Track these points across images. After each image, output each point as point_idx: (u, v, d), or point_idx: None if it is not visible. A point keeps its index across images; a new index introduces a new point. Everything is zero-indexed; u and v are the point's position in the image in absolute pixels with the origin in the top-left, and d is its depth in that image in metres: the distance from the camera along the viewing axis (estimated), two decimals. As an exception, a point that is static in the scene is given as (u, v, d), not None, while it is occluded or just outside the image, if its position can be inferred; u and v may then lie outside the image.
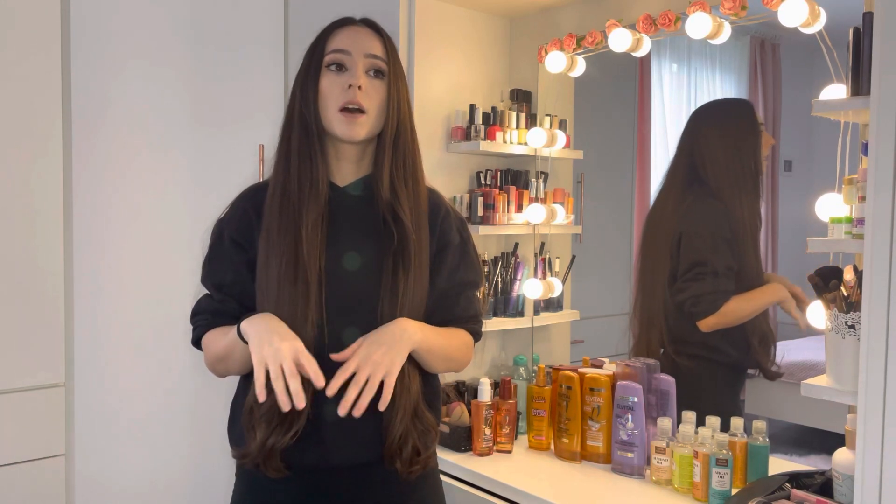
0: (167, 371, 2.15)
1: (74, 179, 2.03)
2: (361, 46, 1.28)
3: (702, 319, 1.84)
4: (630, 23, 1.90)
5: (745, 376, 1.94)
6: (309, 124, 1.29)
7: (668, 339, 1.95)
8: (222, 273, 1.32)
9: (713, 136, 1.93)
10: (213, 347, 1.29)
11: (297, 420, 1.19)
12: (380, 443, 1.25)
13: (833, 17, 1.51)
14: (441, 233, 1.35)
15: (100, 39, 2.06)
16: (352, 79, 1.26)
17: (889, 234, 1.09)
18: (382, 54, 1.30)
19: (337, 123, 1.27)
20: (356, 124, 1.26)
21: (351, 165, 1.34)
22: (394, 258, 1.26)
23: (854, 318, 1.22)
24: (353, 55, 1.28)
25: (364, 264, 1.27)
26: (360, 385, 1.15)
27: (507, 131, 2.15)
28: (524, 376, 2.08)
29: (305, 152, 1.29)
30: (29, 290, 1.97)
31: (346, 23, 1.32)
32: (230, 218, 1.35)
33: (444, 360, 1.32)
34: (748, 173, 1.88)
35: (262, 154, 2.20)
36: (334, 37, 1.30)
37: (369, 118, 1.28)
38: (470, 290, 1.39)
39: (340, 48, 1.28)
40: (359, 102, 1.26)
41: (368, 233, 1.30)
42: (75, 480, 2.05)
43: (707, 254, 1.86)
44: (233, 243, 1.32)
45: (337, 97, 1.26)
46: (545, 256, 2.22)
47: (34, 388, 1.99)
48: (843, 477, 1.28)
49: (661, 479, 1.67)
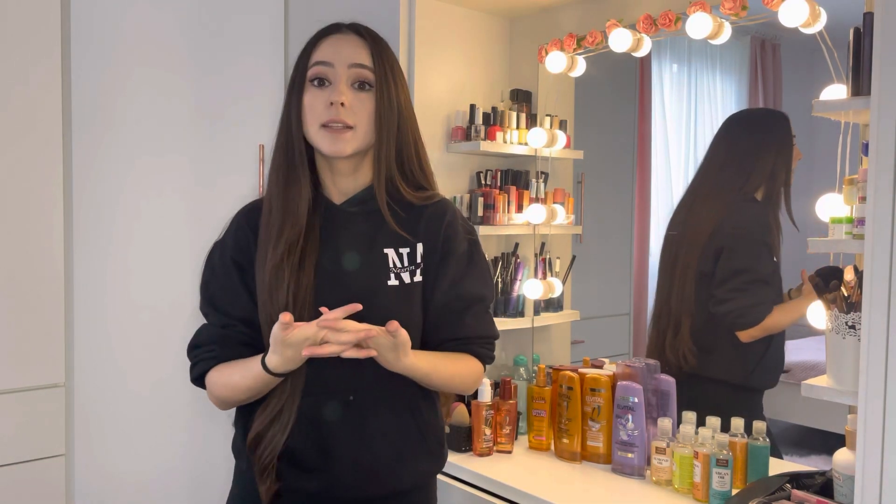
0: (167, 371, 2.15)
1: (75, 180, 2.03)
2: (345, 56, 1.22)
3: (743, 330, 1.82)
4: (630, 23, 1.90)
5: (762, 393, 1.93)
6: (293, 142, 1.25)
7: (690, 349, 1.93)
8: (225, 295, 1.27)
9: (754, 145, 1.92)
10: (225, 389, 1.23)
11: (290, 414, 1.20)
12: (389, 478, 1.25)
13: (833, 17, 1.50)
14: (445, 239, 1.29)
15: (100, 41, 2.06)
16: (333, 94, 1.21)
17: (889, 235, 1.09)
18: (369, 62, 1.23)
19: (321, 140, 1.22)
20: (341, 140, 1.21)
21: (346, 179, 1.29)
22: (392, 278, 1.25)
23: (854, 319, 1.22)
24: (336, 67, 1.22)
25: (359, 286, 1.22)
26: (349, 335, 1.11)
27: (507, 131, 2.15)
28: (524, 376, 2.08)
29: (287, 172, 1.25)
30: (29, 290, 1.97)
31: (332, 31, 1.27)
32: (228, 239, 1.30)
33: (447, 387, 1.29)
34: (780, 184, 1.88)
35: (262, 154, 2.20)
36: (318, 48, 1.25)
37: (357, 133, 1.22)
38: (478, 306, 1.31)
39: (323, 60, 1.23)
40: (342, 120, 1.21)
41: (363, 251, 1.25)
42: (75, 480, 2.05)
43: (752, 262, 1.85)
44: (234, 264, 1.27)
45: (319, 114, 1.21)
46: (545, 257, 2.22)
47: (34, 388, 1.99)
48: (843, 477, 1.27)
49: (661, 480, 1.67)
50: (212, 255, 1.32)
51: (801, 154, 1.92)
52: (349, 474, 1.22)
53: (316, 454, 1.22)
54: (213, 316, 1.28)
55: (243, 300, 1.25)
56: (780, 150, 1.89)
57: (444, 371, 1.26)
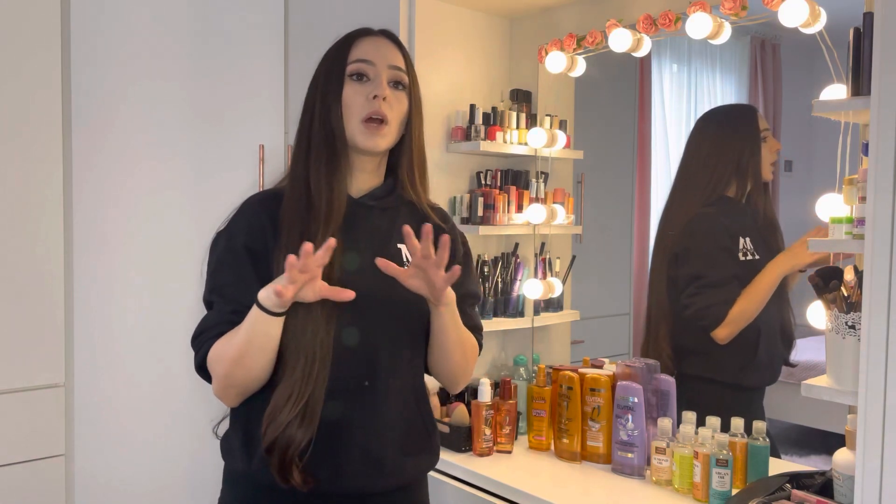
0: (167, 371, 2.15)
1: (75, 180, 2.03)
2: (385, 57, 1.28)
3: (713, 331, 1.83)
4: (630, 23, 1.90)
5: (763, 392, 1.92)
6: (333, 134, 1.27)
7: (667, 353, 1.94)
8: (235, 282, 1.24)
9: (710, 142, 1.94)
10: (227, 351, 1.18)
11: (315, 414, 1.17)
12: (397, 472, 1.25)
13: (833, 17, 1.50)
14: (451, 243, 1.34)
15: (100, 40, 2.06)
16: (376, 89, 1.26)
17: (889, 235, 1.09)
18: (403, 66, 1.30)
19: (359, 134, 1.26)
20: (378, 135, 1.26)
21: (366, 176, 1.32)
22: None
23: (854, 319, 1.22)
24: (377, 66, 1.27)
25: (375, 280, 1.22)
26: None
27: (507, 131, 2.15)
28: (524, 376, 2.08)
29: (330, 164, 1.26)
30: (29, 290, 1.97)
31: (367, 33, 1.31)
32: (241, 225, 1.27)
33: (460, 348, 1.31)
34: (751, 177, 1.88)
35: (262, 154, 2.20)
36: (357, 46, 1.29)
37: (391, 129, 1.28)
38: (473, 300, 1.41)
39: (364, 58, 1.27)
40: (383, 113, 1.25)
41: (379, 245, 1.29)
42: (75, 480, 2.05)
43: (702, 267, 1.87)
44: (247, 251, 1.24)
45: (361, 107, 1.26)
46: (545, 256, 2.22)
47: (34, 388, 1.99)
48: (843, 477, 1.27)
49: (661, 480, 1.67)
50: (216, 243, 1.29)
51: (778, 145, 1.92)
52: (357, 463, 1.22)
53: (326, 441, 1.20)
54: (221, 304, 1.24)
55: (256, 288, 1.20)
56: (745, 141, 1.90)
57: (462, 330, 1.31)
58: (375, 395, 1.24)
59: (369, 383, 1.24)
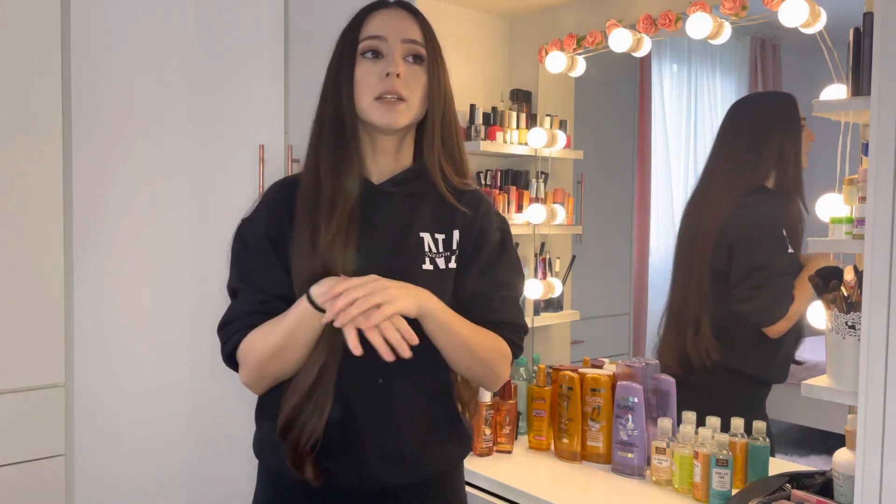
0: (167, 371, 2.15)
1: (75, 179, 2.03)
2: (398, 31, 1.20)
3: (773, 325, 1.79)
4: (630, 23, 1.90)
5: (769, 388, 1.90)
6: (343, 116, 1.21)
7: (713, 345, 1.88)
8: (262, 271, 1.20)
9: (750, 130, 1.87)
10: (265, 342, 1.15)
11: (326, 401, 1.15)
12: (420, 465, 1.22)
13: (833, 17, 1.51)
14: (480, 230, 1.27)
15: (100, 39, 2.06)
16: (389, 66, 1.18)
17: (889, 235, 1.09)
18: (420, 38, 1.22)
19: (375, 111, 1.18)
20: (395, 111, 1.18)
21: (388, 158, 1.25)
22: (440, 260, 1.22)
23: (854, 319, 1.22)
24: (390, 41, 1.20)
25: (393, 269, 1.17)
26: (353, 298, 1.06)
27: (507, 131, 2.15)
28: (524, 376, 2.08)
29: (339, 146, 1.21)
30: (29, 290, 1.97)
31: (380, 6, 1.24)
32: (261, 214, 1.25)
33: (468, 355, 1.20)
34: (791, 167, 1.83)
35: (262, 154, 2.20)
36: (368, 22, 1.22)
37: (410, 106, 1.20)
38: (506, 292, 1.27)
39: (376, 34, 1.20)
40: (397, 91, 1.18)
41: (399, 234, 1.23)
42: (75, 480, 2.05)
43: (765, 257, 1.82)
44: (268, 239, 1.21)
45: (374, 86, 1.18)
46: (545, 256, 2.22)
47: (34, 388, 1.99)
48: (843, 477, 1.27)
49: (661, 480, 1.67)
50: (242, 231, 1.26)
51: (812, 136, 1.86)
52: (375, 459, 1.19)
53: (341, 438, 1.19)
54: (248, 293, 1.21)
55: (282, 277, 1.19)
56: (786, 131, 1.83)
57: (468, 333, 1.20)
58: (391, 392, 1.21)
59: (384, 381, 1.20)
